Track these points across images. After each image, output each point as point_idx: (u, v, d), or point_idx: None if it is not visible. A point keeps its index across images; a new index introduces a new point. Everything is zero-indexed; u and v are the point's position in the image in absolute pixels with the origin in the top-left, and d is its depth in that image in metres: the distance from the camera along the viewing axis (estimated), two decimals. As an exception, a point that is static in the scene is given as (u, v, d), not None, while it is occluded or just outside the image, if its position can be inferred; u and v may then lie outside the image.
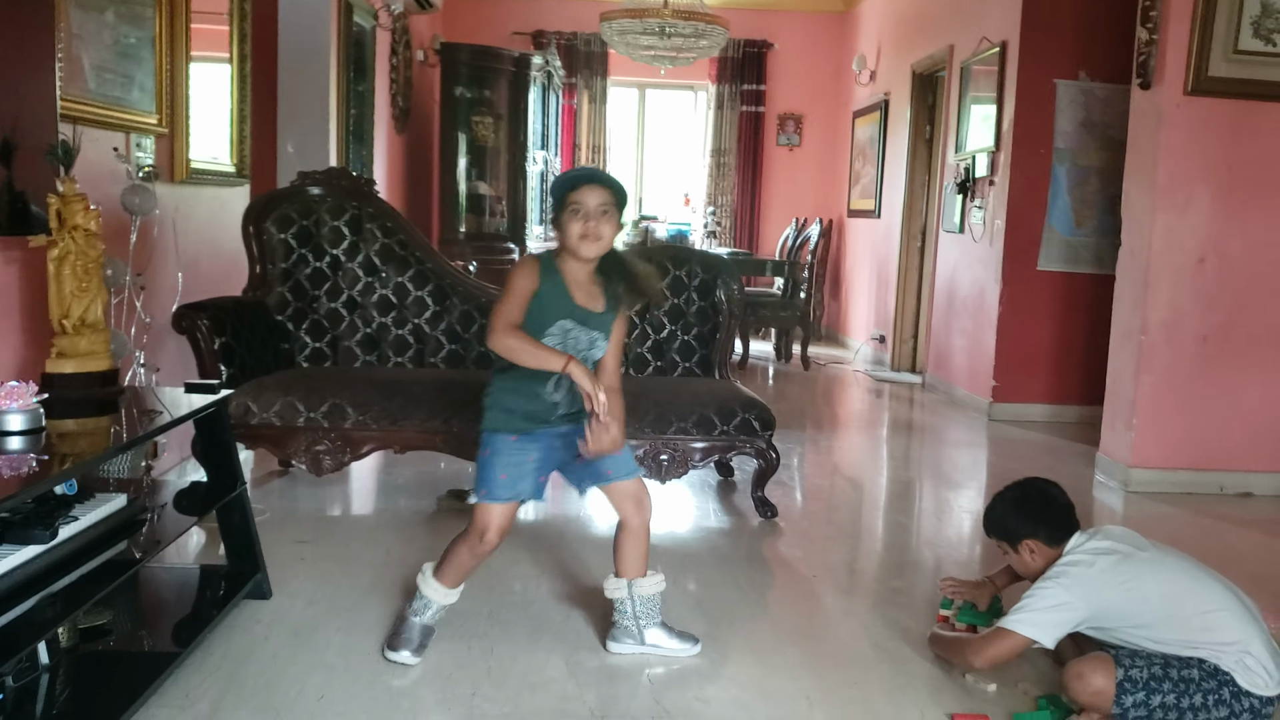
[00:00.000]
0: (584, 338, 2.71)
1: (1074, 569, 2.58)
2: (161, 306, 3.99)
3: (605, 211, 2.66)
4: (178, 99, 4.15)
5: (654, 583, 2.88)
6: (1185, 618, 2.49)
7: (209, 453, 3.10)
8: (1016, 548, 2.77)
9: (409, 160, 8.48)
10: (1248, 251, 4.85)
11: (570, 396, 2.73)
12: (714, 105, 10.84)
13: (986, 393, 6.75)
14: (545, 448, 2.76)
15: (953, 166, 7.49)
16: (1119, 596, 2.53)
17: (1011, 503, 2.81)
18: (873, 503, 4.82)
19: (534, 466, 2.74)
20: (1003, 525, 2.81)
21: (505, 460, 2.72)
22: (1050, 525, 2.72)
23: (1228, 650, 2.44)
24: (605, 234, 2.66)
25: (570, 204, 2.65)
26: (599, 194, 2.66)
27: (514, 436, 2.73)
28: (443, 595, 2.83)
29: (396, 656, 2.74)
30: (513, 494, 2.74)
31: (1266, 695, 2.44)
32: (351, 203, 4.50)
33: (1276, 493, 4.92)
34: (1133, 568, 2.56)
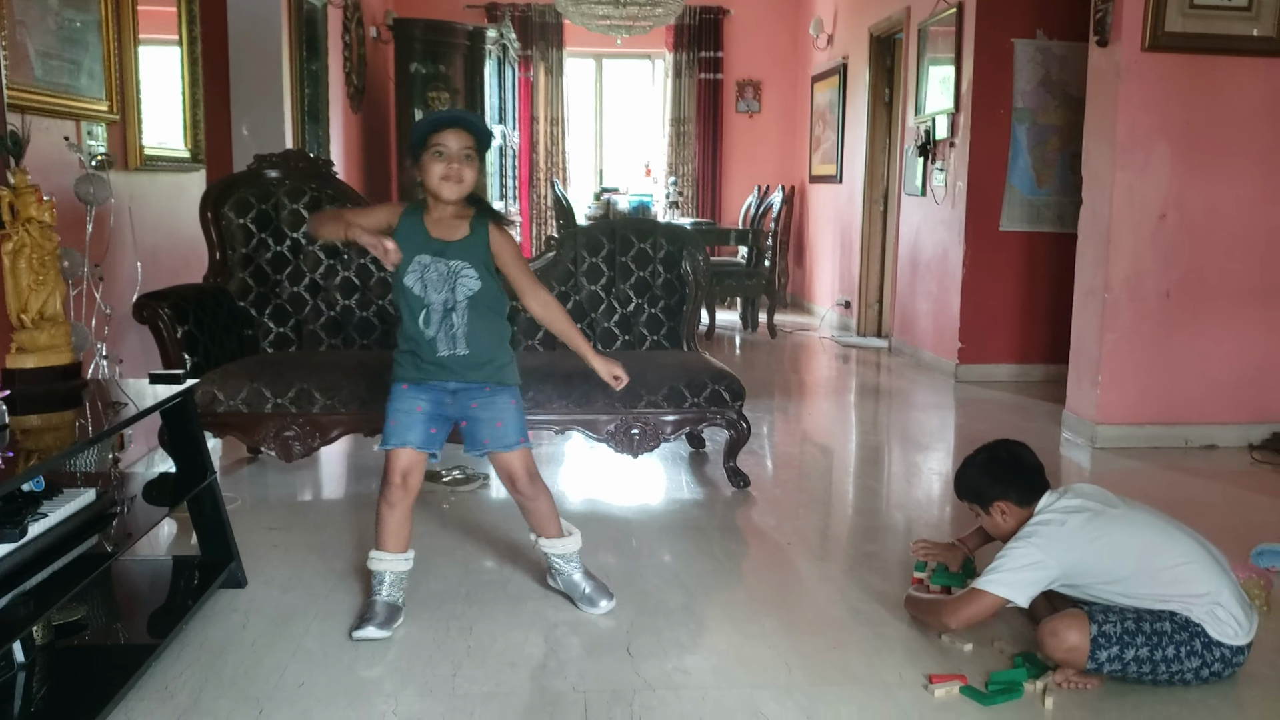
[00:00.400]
0: (443, 267, 2.76)
1: (1045, 528, 2.61)
2: (121, 297, 3.94)
3: (468, 155, 2.73)
4: (128, 84, 4.09)
5: (552, 546, 2.98)
6: (1156, 571, 2.52)
7: (177, 443, 3.07)
8: (988, 509, 2.79)
9: (366, 139, 8.40)
10: (1208, 206, 4.89)
11: (448, 336, 2.78)
12: (672, 74, 10.80)
13: (952, 355, 6.80)
14: (434, 401, 2.83)
15: (913, 129, 7.51)
16: (1091, 553, 2.56)
17: (981, 465, 2.83)
18: (843, 468, 4.84)
19: (422, 417, 2.82)
20: (973, 488, 2.83)
21: (395, 407, 2.83)
22: (1020, 486, 2.75)
23: (1198, 602, 2.47)
24: (467, 177, 2.74)
25: (433, 145, 2.71)
26: (462, 137, 2.72)
27: (405, 385, 2.83)
28: (389, 561, 2.85)
29: (361, 633, 2.75)
30: (400, 441, 2.81)
31: (1237, 644, 2.48)
32: (310, 184, 4.46)
33: (1240, 444, 4.99)
34: (1103, 524, 2.58)
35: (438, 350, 2.79)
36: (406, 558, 2.89)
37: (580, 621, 2.89)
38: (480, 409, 2.84)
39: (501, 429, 2.85)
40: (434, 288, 2.75)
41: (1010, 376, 6.75)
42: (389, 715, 2.36)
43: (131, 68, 4.09)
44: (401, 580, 2.89)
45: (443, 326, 2.77)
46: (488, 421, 2.84)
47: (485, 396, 2.84)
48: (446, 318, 2.77)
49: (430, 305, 2.76)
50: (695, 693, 2.49)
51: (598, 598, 2.95)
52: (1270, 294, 4.98)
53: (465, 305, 2.77)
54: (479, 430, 2.86)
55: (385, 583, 2.86)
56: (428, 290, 2.75)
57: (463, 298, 2.77)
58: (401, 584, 2.89)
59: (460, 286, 2.77)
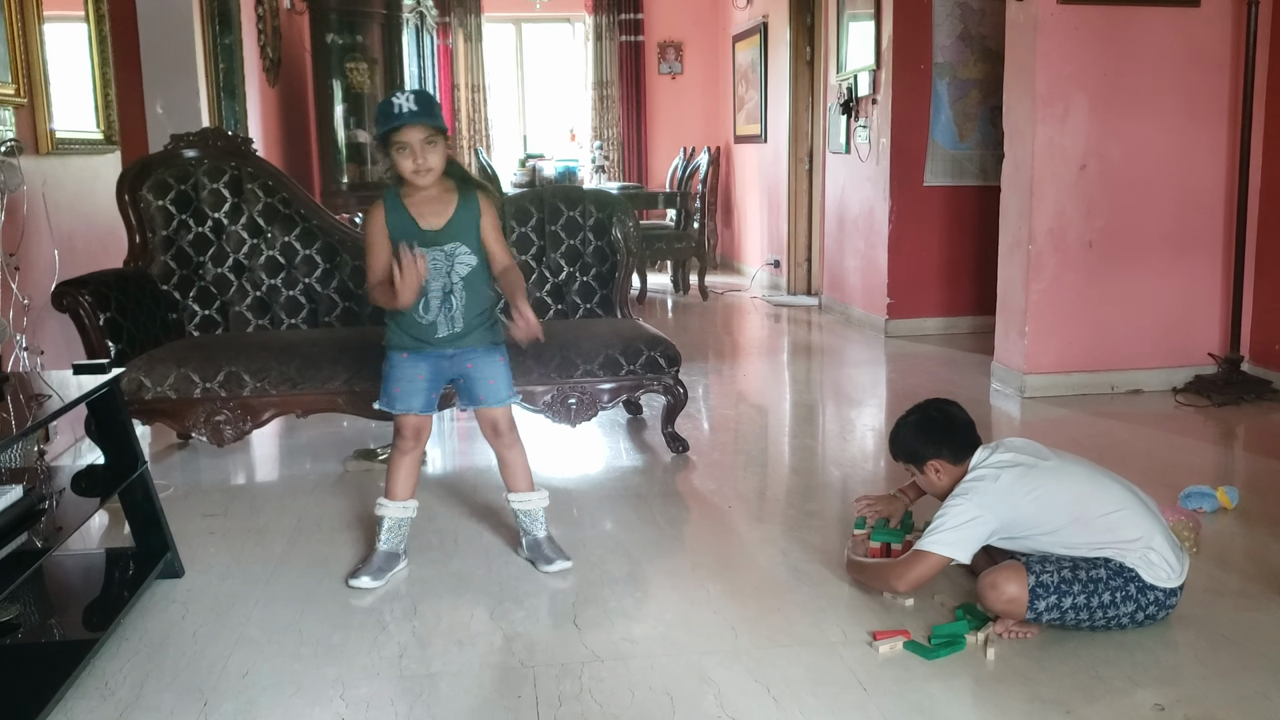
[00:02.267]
0: (440, 255, 2.87)
1: (980, 484, 2.65)
2: (39, 286, 3.84)
3: (430, 142, 2.80)
4: (34, 65, 3.95)
5: (519, 499, 3.09)
6: (1089, 520, 2.57)
7: (105, 433, 3.00)
8: (922, 468, 2.82)
9: (284, 113, 8.23)
10: (1127, 156, 4.97)
11: (447, 318, 2.91)
12: (592, 37, 10.72)
13: (882, 310, 6.87)
14: (433, 367, 2.97)
15: (835, 87, 7.53)
16: (1026, 506, 2.61)
17: (914, 426, 2.86)
18: (779, 428, 4.88)
19: (424, 384, 2.97)
20: (908, 448, 2.86)
21: (398, 374, 2.97)
22: (953, 444, 2.78)
23: (1131, 547, 2.53)
24: (434, 163, 2.82)
25: (396, 144, 2.80)
26: (419, 131, 2.79)
27: (404, 354, 2.96)
28: (394, 508, 3.03)
29: (355, 581, 2.93)
30: (405, 407, 2.98)
31: (1170, 587, 2.54)
32: (230, 163, 4.36)
33: (1164, 388, 5.10)
34: (1037, 477, 2.63)
35: (438, 332, 2.93)
36: (406, 506, 3.05)
37: (525, 595, 2.89)
38: (475, 369, 2.99)
39: (494, 386, 3.01)
40: (432, 275, 2.87)
41: (939, 330, 6.84)
42: (336, 700, 2.35)
43: (37, 48, 3.96)
44: (402, 527, 3.06)
45: (442, 310, 2.91)
46: (482, 380, 2.99)
47: (479, 355, 2.99)
48: (445, 301, 2.91)
49: (429, 293, 2.89)
50: (643, 661, 2.50)
51: (554, 556, 3.03)
52: (1188, 241, 5.09)
53: (462, 286, 2.90)
54: (474, 388, 3.00)
55: (384, 528, 3.04)
56: (426, 279, 2.83)
57: (459, 279, 2.89)
58: (402, 531, 3.06)
59: (457, 268, 2.89)
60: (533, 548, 3.08)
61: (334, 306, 4.44)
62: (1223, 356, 5.07)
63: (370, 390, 3.82)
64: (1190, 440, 4.40)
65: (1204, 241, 5.11)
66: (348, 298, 4.44)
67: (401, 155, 2.80)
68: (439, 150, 2.82)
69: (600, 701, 2.32)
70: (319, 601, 2.86)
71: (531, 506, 3.09)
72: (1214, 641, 2.56)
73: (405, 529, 3.07)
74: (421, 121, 2.77)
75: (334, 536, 3.35)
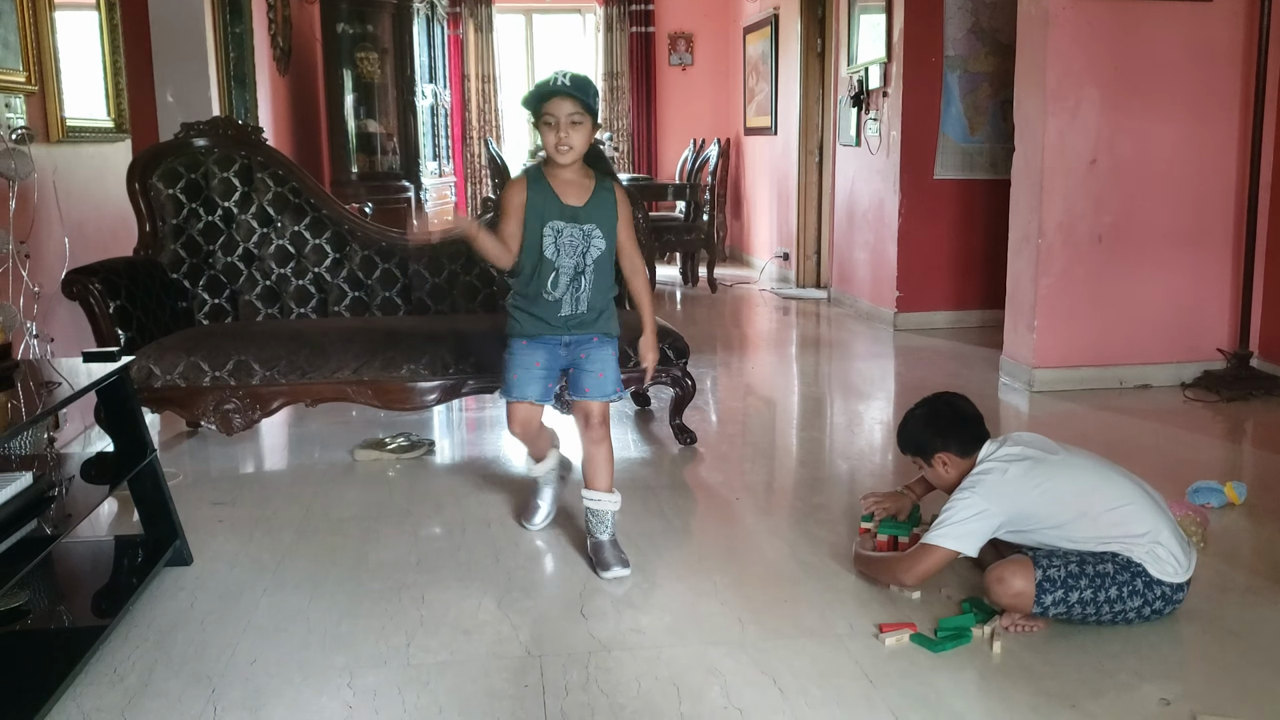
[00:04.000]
0: (577, 233, 2.91)
1: (988, 477, 2.64)
2: (50, 274, 3.85)
3: (576, 121, 2.82)
4: (45, 53, 3.96)
5: (593, 497, 3.04)
6: (1097, 515, 2.57)
7: (114, 421, 3.01)
8: (930, 461, 2.82)
9: (294, 103, 8.23)
10: (1137, 150, 4.95)
11: (573, 299, 2.95)
12: (603, 28, 10.71)
13: (891, 303, 6.86)
14: (550, 355, 3.01)
15: (846, 79, 7.51)
16: (1034, 500, 2.60)
17: (922, 419, 2.86)
18: (787, 421, 4.88)
19: (541, 373, 3.02)
20: (915, 441, 2.86)
21: (516, 362, 3.02)
22: (961, 437, 2.78)
23: (1139, 542, 2.52)
24: (576, 142, 2.84)
25: (544, 116, 2.83)
26: (568, 104, 2.81)
27: (524, 341, 3.01)
28: (537, 468, 3.32)
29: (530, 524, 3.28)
30: (520, 395, 3.03)
31: (1177, 582, 2.54)
32: (240, 152, 4.37)
33: (1173, 383, 5.09)
34: (1044, 471, 2.63)
35: (561, 310, 2.96)
36: (551, 459, 3.31)
37: (533, 585, 2.90)
38: (587, 360, 3.01)
39: (602, 380, 3.02)
40: (566, 252, 2.91)
41: (948, 323, 6.83)
42: (344, 688, 2.36)
43: (48, 36, 3.97)
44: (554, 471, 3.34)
45: (570, 289, 2.94)
46: (591, 372, 3.01)
47: (593, 348, 3.02)
48: (575, 280, 2.94)
49: (560, 269, 2.92)
50: (650, 652, 2.51)
51: (613, 562, 2.96)
52: (1198, 236, 5.07)
53: (593, 269, 2.95)
54: (582, 379, 3.02)
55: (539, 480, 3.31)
56: (560, 255, 2.91)
57: (591, 261, 2.94)
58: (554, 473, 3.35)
59: (591, 250, 2.94)
60: (595, 550, 3.02)
61: (343, 296, 4.45)
62: (1232, 352, 5.05)
63: (379, 380, 3.85)
64: (1198, 435, 4.39)
65: (1214, 236, 5.09)
66: (357, 287, 4.45)
67: (547, 129, 2.83)
68: (584, 131, 2.84)
69: (606, 691, 2.33)
70: (327, 590, 2.87)
71: (602, 507, 3.02)
72: (1220, 637, 2.56)
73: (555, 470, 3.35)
74: (572, 95, 2.80)
75: (342, 526, 3.36)
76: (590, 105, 2.83)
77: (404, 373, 3.86)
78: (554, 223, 2.89)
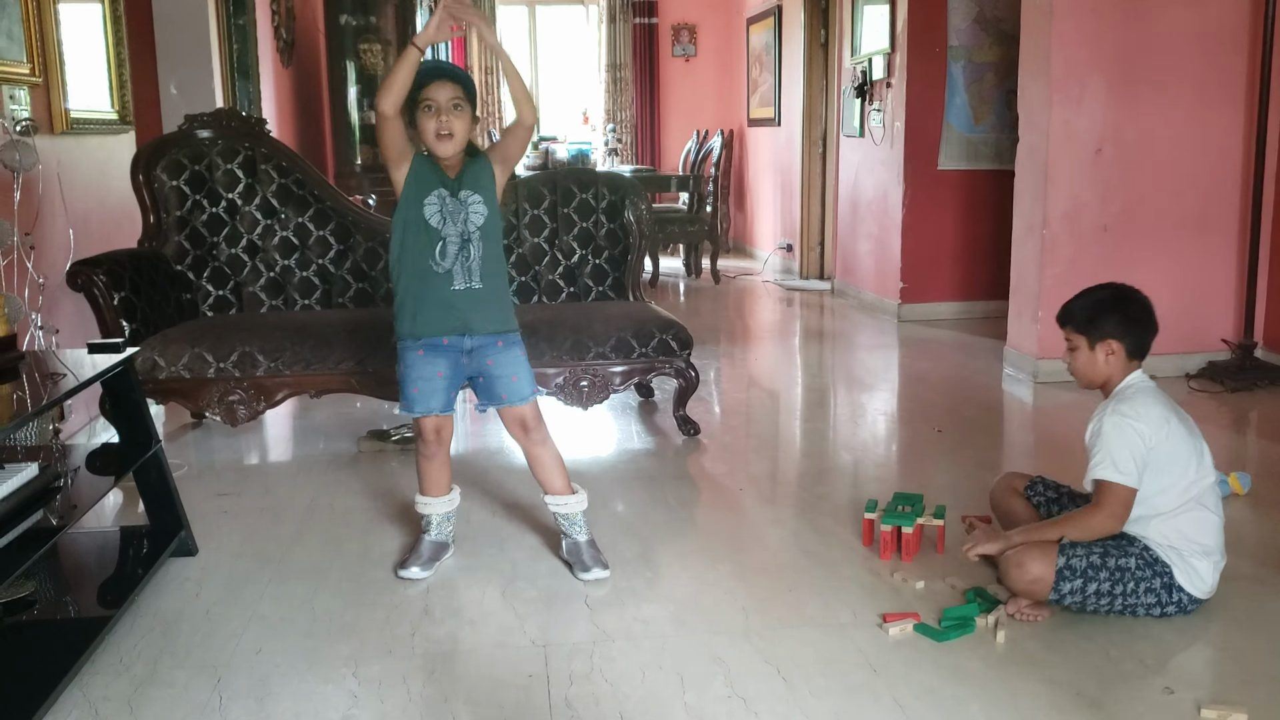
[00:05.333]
0: (456, 203, 2.80)
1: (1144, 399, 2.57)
2: (54, 265, 3.85)
3: (457, 105, 2.74)
4: (49, 45, 3.96)
5: (556, 502, 2.97)
6: (1192, 508, 2.53)
7: (119, 412, 3.02)
8: (1095, 344, 2.62)
9: (298, 94, 8.23)
10: (1142, 139, 4.94)
11: (464, 269, 2.81)
12: (606, 19, 10.68)
13: (895, 295, 6.85)
14: (452, 364, 2.87)
15: (849, 70, 7.49)
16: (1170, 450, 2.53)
17: (1112, 300, 2.64)
18: (790, 412, 4.88)
19: (444, 383, 2.87)
20: (1092, 316, 2.62)
21: (415, 375, 2.86)
22: (1142, 336, 2.61)
23: (1194, 552, 2.51)
24: (457, 130, 2.75)
25: (423, 101, 2.72)
26: (449, 88, 2.73)
27: (420, 351, 2.85)
28: (434, 504, 2.99)
29: (405, 573, 2.89)
30: (425, 409, 2.88)
31: (1197, 596, 2.54)
32: (244, 144, 4.37)
33: (1178, 374, 5.08)
34: (1187, 431, 2.58)
35: (453, 283, 2.81)
36: (450, 499, 3.02)
37: (537, 575, 2.90)
38: (495, 366, 2.88)
39: (516, 383, 2.91)
40: (451, 219, 2.80)
41: (952, 314, 6.82)
42: (349, 678, 2.36)
43: (52, 27, 3.96)
44: (449, 519, 3.03)
45: (459, 258, 2.81)
46: (503, 378, 2.89)
47: (499, 352, 2.88)
48: (464, 249, 2.81)
49: (447, 238, 2.80)
50: (654, 641, 2.51)
51: (591, 564, 2.90)
52: (1204, 225, 5.06)
53: (479, 236, 2.82)
54: (495, 386, 2.90)
55: (433, 524, 3.00)
56: (445, 222, 2.79)
57: (474, 228, 2.81)
58: (449, 522, 3.04)
59: (472, 217, 2.82)
60: (572, 552, 2.94)
61: (347, 288, 4.45)
62: (1236, 342, 5.04)
63: (384, 372, 3.84)
64: (1203, 426, 4.30)
65: (1219, 226, 5.08)
66: (361, 279, 4.45)
67: (426, 115, 2.72)
68: (464, 117, 2.75)
69: (611, 681, 2.33)
70: (332, 580, 2.88)
71: (569, 510, 2.95)
72: (1225, 626, 2.56)
73: (452, 520, 3.05)
74: (453, 79, 2.73)
75: (347, 516, 3.37)
76: (471, 91, 2.77)
77: (408, 364, 3.86)
78: (438, 190, 2.79)
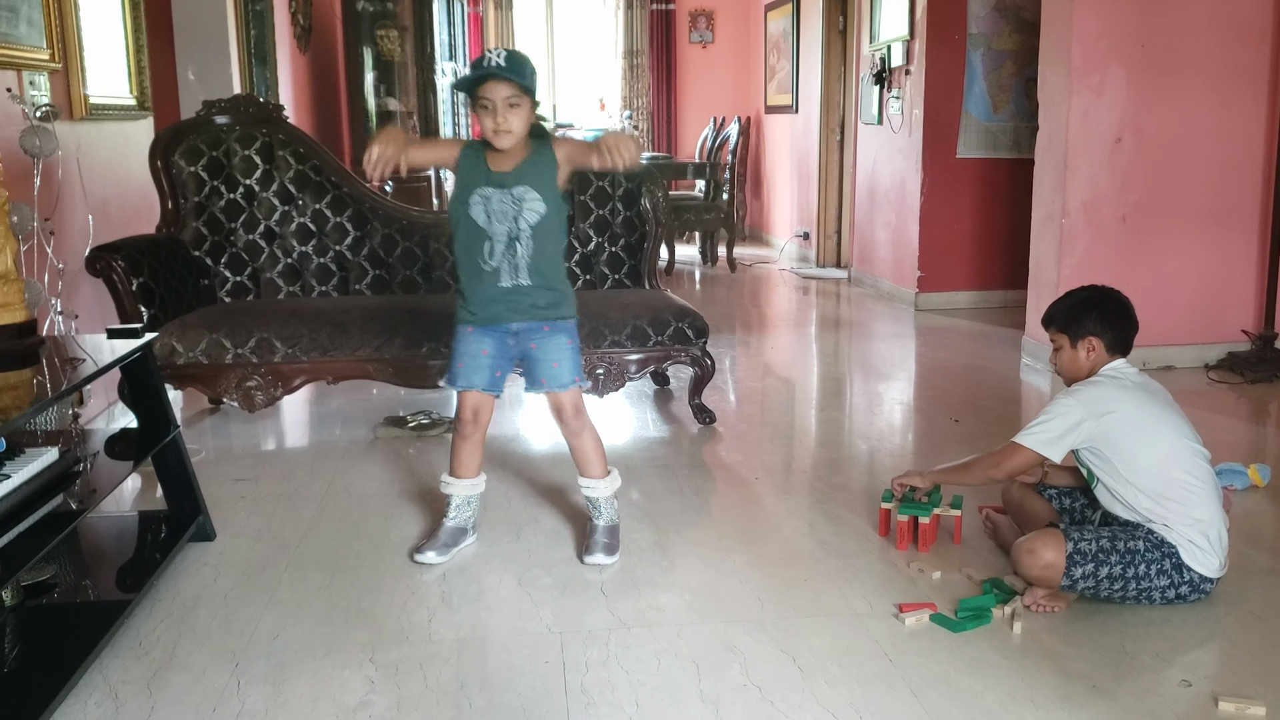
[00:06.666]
0: (507, 198, 2.77)
1: (1101, 387, 2.64)
2: (74, 251, 3.87)
3: (513, 104, 2.71)
4: (69, 31, 3.97)
5: (589, 485, 2.99)
6: (1171, 477, 2.55)
7: (138, 397, 3.03)
8: (1075, 343, 2.73)
9: (315, 80, 8.23)
10: (1163, 129, 4.91)
11: (510, 267, 2.80)
12: (623, 5, 10.66)
13: (912, 283, 6.83)
14: (498, 343, 2.88)
15: (868, 57, 7.46)
16: (1129, 428, 2.58)
17: (1090, 300, 2.77)
18: (806, 401, 4.87)
19: (488, 361, 2.88)
20: (1073, 315, 2.75)
21: (461, 350, 2.89)
22: (1119, 333, 2.72)
23: (1191, 525, 2.51)
24: (515, 126, 2.72)
25: (480, 100, 2.72)
26: (504, 88, 2.70)
27: (470, 328, 2.87)
28: (459, 485, 2.99)
29: (421, 557, 2.90)
30: (467, 384, 2.90)
31: (1208, 575, 2.53)
32: (261, 130, 4.38)
33: (1197, 364, 5.06)
34: (1155, 409, 2.62)
35: (500, 281, 2.80)
36: (475, 483, 3.02)
37: (553, 563, 2.91)
38: (539, 350, 2.88)
39: (557, 370, 2.90)
40: (498, 218, 2.76)
41: (970, 304, 6.80)
42: (365, 663, 2.37)
43: (71, 13, 3.98)
44: (469, 503, 3.03)
45: (506, 257, 2.79)
46: (545, 362, 2.89)
47: (544, 337, 2.88)
48: (510, 247, 2.78)
49: (494, 236, 2.77)
50: (669, 630, 2.52)
51: (595, 549, 2.92)
52: (1224, 215, 5.03)
53: (529, 235, 2.78)
54: (537, 370, 2.90)
55: (454, 505, 3.00)
56: (491, 221, 2.77)
57: (526, 226, 2.77)
58: (470, 507, 3.03)
59: (525, 214, 2.77)
60: (589, 533, 2.99)
61: (364, 274, 4.46)
62: (1256, 333, 5.02)
63: (401, 359, 3.86)
64: (1222, 417, 4.36)
65: (1240, 216, 5.04)
66: (378, 265, 4.46)
67: (483, 113, 2.72)
68: (523, 113, 2.72)
69: (626, 668, 2.34)
70: (349, 566, 2.89)
71: (595, 493, 2.98)
72: (1243, 619, 2.55)
73: (474, 505, 3.04)
74: (507, 78, 2.69)
75: (363, 502, 3.38)
76: (528, 85, 2.72)
77: (424, 351, 3.87)
78: (481, 189, 2.77)
